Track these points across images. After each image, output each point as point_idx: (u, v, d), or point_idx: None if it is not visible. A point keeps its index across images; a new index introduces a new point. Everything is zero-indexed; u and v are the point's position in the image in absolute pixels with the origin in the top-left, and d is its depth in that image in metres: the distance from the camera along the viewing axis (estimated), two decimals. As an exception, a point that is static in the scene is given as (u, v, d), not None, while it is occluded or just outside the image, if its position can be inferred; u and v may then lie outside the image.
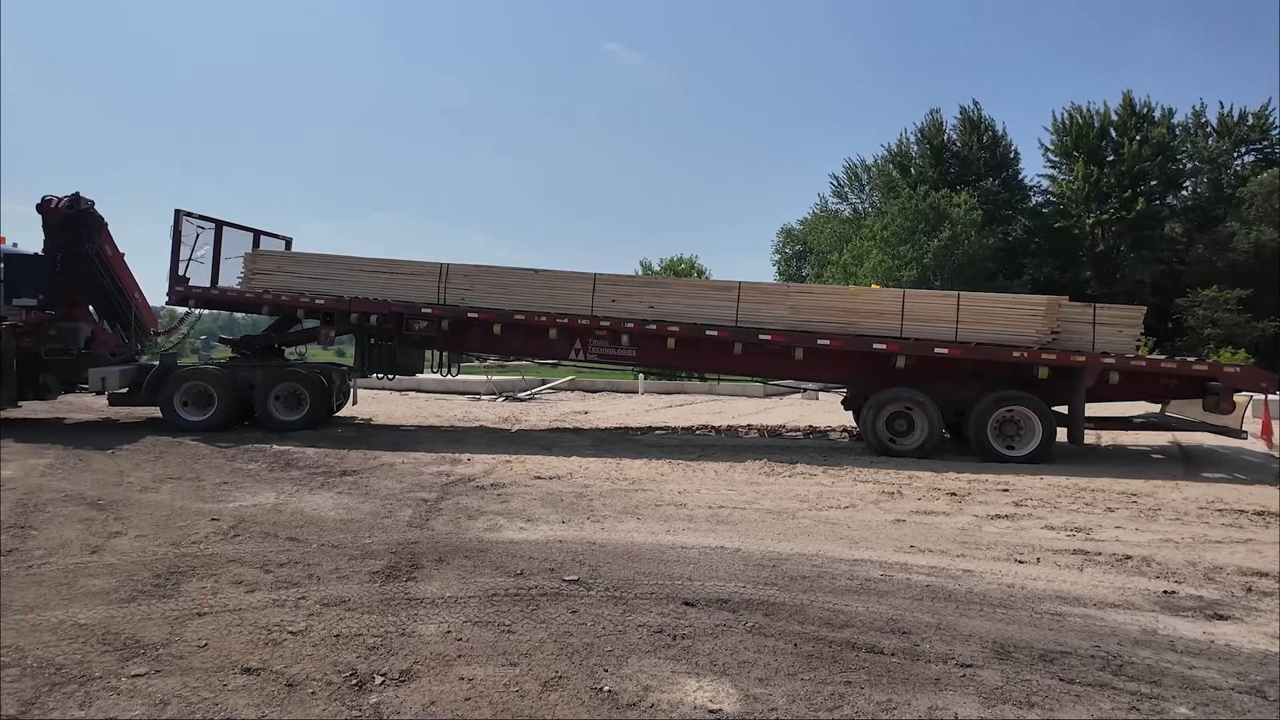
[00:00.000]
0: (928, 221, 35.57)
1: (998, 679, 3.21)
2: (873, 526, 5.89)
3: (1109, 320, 9.78)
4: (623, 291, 11.00)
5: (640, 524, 5.91)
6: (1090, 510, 6.58)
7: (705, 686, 3.13)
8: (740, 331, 10.25)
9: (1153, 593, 4.41)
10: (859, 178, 48.79)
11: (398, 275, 11.35)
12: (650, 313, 10.70)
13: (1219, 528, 6.02)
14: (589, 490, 7.18)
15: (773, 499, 6.85)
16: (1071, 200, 41.59)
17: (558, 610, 4.00)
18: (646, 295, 10.92)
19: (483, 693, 3.07)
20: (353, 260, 11.51)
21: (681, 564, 4.85)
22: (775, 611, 4.00)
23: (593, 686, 3.13)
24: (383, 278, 11.31)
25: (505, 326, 11.04)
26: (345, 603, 4.06)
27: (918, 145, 45.58)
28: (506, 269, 11.33)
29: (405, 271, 11.35)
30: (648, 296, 10.88)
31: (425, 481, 7.54)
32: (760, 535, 5.57)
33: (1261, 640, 3.74)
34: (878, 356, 9.88)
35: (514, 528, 5.74)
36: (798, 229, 50.79)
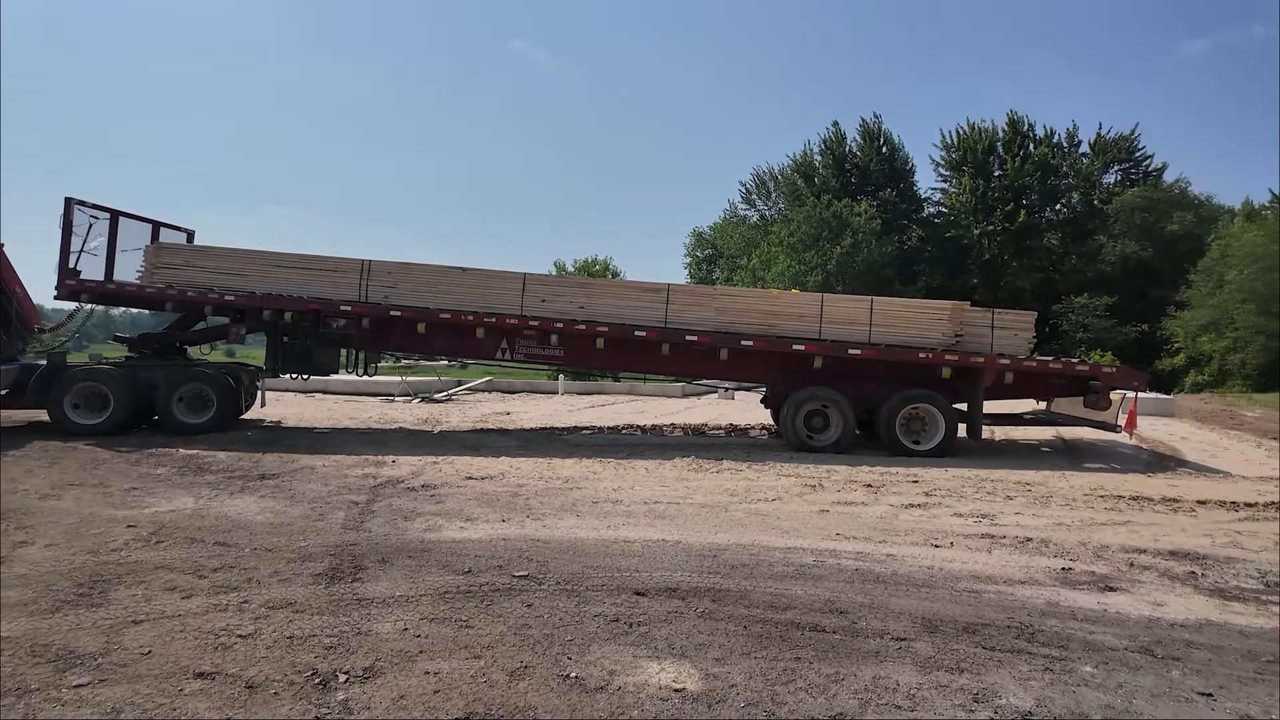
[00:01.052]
0: (831, 229, 37.16)
1: (929, 649, 3.52)
2: (800, 517, 6.22)
3: (1005, 325, 10.60)
4: (553, 291, 11.04)
5: (580, 520, 6.01)
6: (992, 498, 7.15)
7: (667, 668, 3.29)
8: (668, 332, 10.49)
9: (1053, 570, 4.89)
10: (766, 185, 50.33)
11: (316, 272, 10.97)
12: (581, 313, 10.77)
13: (1102, 511, 6.67)
14: (524, 489, 7.21)
15: (704, 494, 7.09)
16: (961, 211, 44.35)
17: (513, 605, 4.06)
18: (577, 296, 10.99)
19: (451, 685, 3.12)
20: (268, 255, 11.04)
21: (627, 557, 5.00)
22: (722, 597, 4.20)
23: (559, 673, 3.23)
24: (300, 274, 10.90)
25: (430, 325, 10.87)
26: (292, 605, 3.98)
27: (821, 156, 47.48)
28: (433, 267, 11.15)
29: (325, 268, 10.99)
30: (579, 297, 10.95)
31: (352, 484, 7.37)
32: (698, 528, 5.79)
33: (1145, 607, 4.23)
34: (797, 357, 10.34)
35: (454, 527, 5.73)
36: (708, 233, 51.87)
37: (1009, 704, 2.98)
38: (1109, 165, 44.99)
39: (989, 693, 3.08)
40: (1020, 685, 3.16)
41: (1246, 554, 5.36)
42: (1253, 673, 3.37)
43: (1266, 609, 4.24)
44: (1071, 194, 44.93)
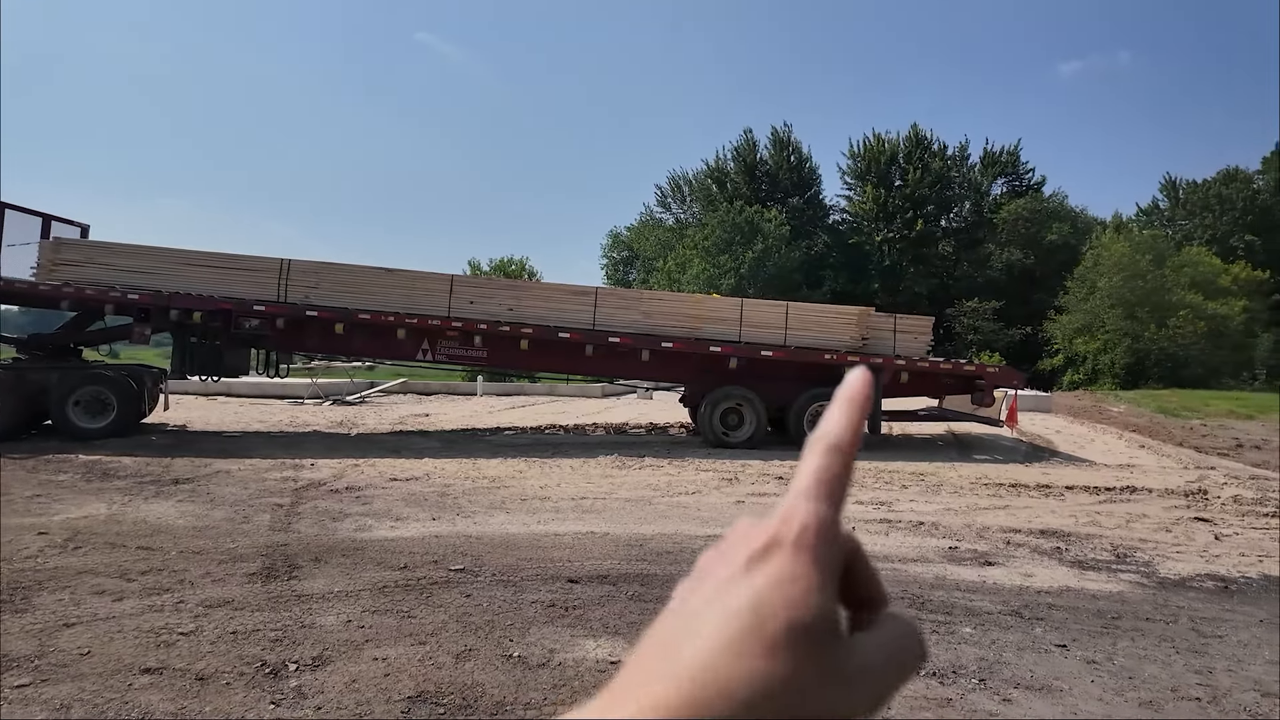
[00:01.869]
0: (743, 234, 38.30)
1: (835, 619, 3.95)
2: (719, 508, 6.64)
3: (906, 329, 11.47)
4: (482, 293, 11.16)
5: (510, 517, 6.22)
6: (889, 488, 7.79)
7: (603, 645, 3.59)
8: (592, 334, 10.77)
9: (941, 549, 5.46)
10: (681, 189, 51.29)
11: (231, 270, 10.66)
12: (510, 315, 10.89)
13: (985, 498, 7.40)
14: (451, 489, 7.33)
15: (628, 489, 7.42)
16: (864, 219, 46.54)
17: (451, 595, 4.26)
18: (506, 298, 11.12)
19: (400, 668, 3.31)
20: (179, 253, 10.65)
21: (558, 549, 5.25)
22: (650, 582, 4.53)
23: (502, 654, 3.47)
24: (214, 273, 10.57)
25: (349, 326, 10.76)
26: (230, 603, 4.05)
27: (734, 162, 48.80)
28: (357, 267, 11.03)
29: (240, 267, 10.69)
30: (508, 299, 11.08)
31: (272, 487, 7.30)
32: (624, 520, 6.10)
33: (1017, 578, 4.82)
34: (714, 358, 10.83)
35: (384, 527, 5.83)
36: (625, 235, 52.39)
37: (901, 660, 3.43)
38: (996, 177, 48.26)
39: (885, 652, 3.52)
40: (911, 645, 3.62)
41: (1103, 531, 6.11)
42: (1099, 627, 3.97)
43: (1115, 576, 4.92)
44: (963, 204, 47.92)
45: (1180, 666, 3.46)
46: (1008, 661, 3.47)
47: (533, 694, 3.09)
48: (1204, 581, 4.80)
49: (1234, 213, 42.49)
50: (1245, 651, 3.66)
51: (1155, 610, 4.24)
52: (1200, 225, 43.35)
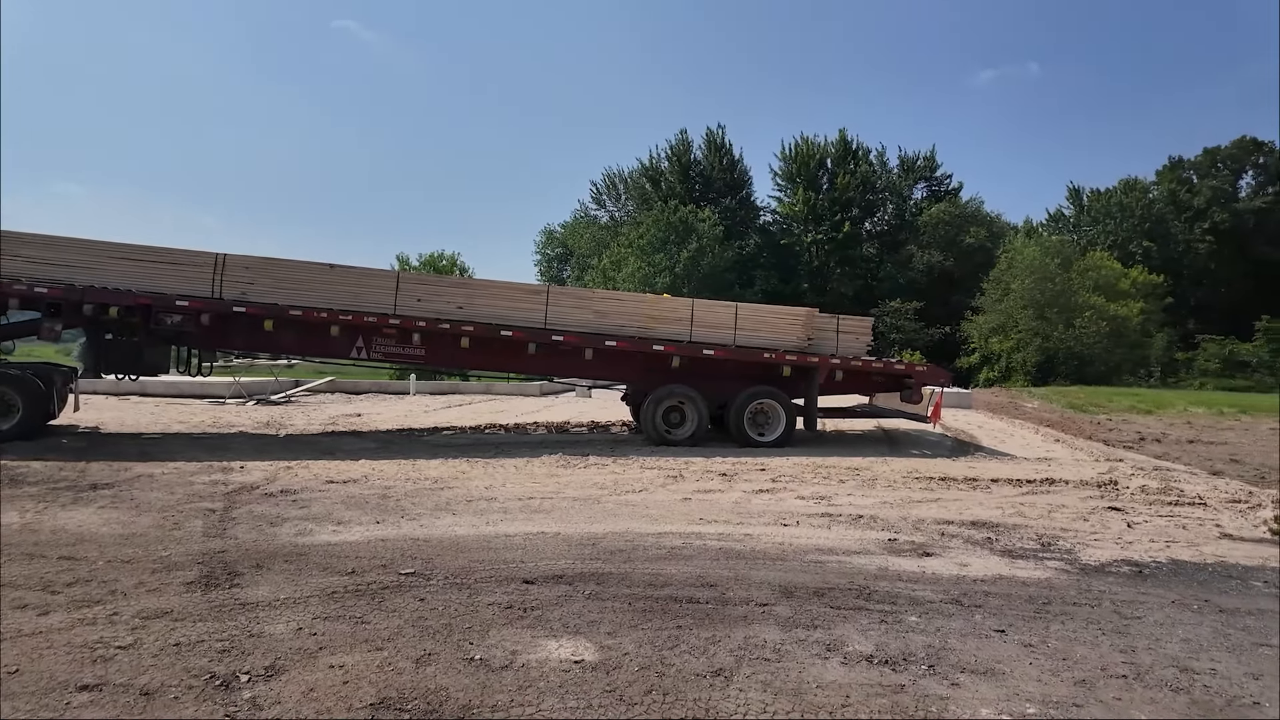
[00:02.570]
0: (678, 234, 38.66)
1: (788, 611, 4.07)
2: (666, 505, 6.71)
3: (848, 329, 11.85)
4: (431, 291, 10.95)
5: (457, 519, 6.13)
6: (828, 482, 8.04)
7: (565, 644, 3.59)
8: (535, 332, 10.68)
9: (881, 541, 5.68)
10: (616, 187, 51.37)
11: (160, 264, 10.09)
12: (460, 313, 10.68)
13: (918, 491, 7.72)
14: (392, 491, 7.17)
15: (576, 488, 7.41)
16: (794, 221, 47.65)
17: (405, 600, 4.18)
18: (456, 296, 10.91)
19: (360, 675, 3.24)
20: (100, 245, 10.03)
21: (510, 550, 5.22)
22: (605, 580, 4.55)
23: (464, 657, 3.44)
24: (140, 267, 9.98)
25: (279, 322, 10.36)
26: (169, 614, 3.87)
27: (668, 162, 49.19)
28: (297, 263, 10.61)
29: (171, 261, 10.14)
30: (457, 297, 10.87)
31: (201, 492, 6.99)
32: (573, 520, 6.11)
33: (954, 568, 5.06)
34: (657, 357, 10.92)
35: (326, 531, 5.66)
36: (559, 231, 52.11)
37: (855, 650, 3.57)
38: (916, 182, 50.22)
39: (839, 642, 3.66)
40: (862, 635, 3.77)
41: (1028, 521, 6.46)
42: (1032, 612, 4.21)
43: (1042, 564, 5.22)
44: (887, 207, 49.67)
45: (1106, 646, 3.71)
46: (953, 647, 3.64)
47: (499, 696, 3.07)
48: (1121, 567, 5.14)
49: (1132, 220, 45.42)
50: (1162, 631, 3.95)
51: (1080, 595, 4.52)
52: (1103, 231, 46.17)
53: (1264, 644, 3.82)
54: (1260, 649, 3.75)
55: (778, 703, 3.05)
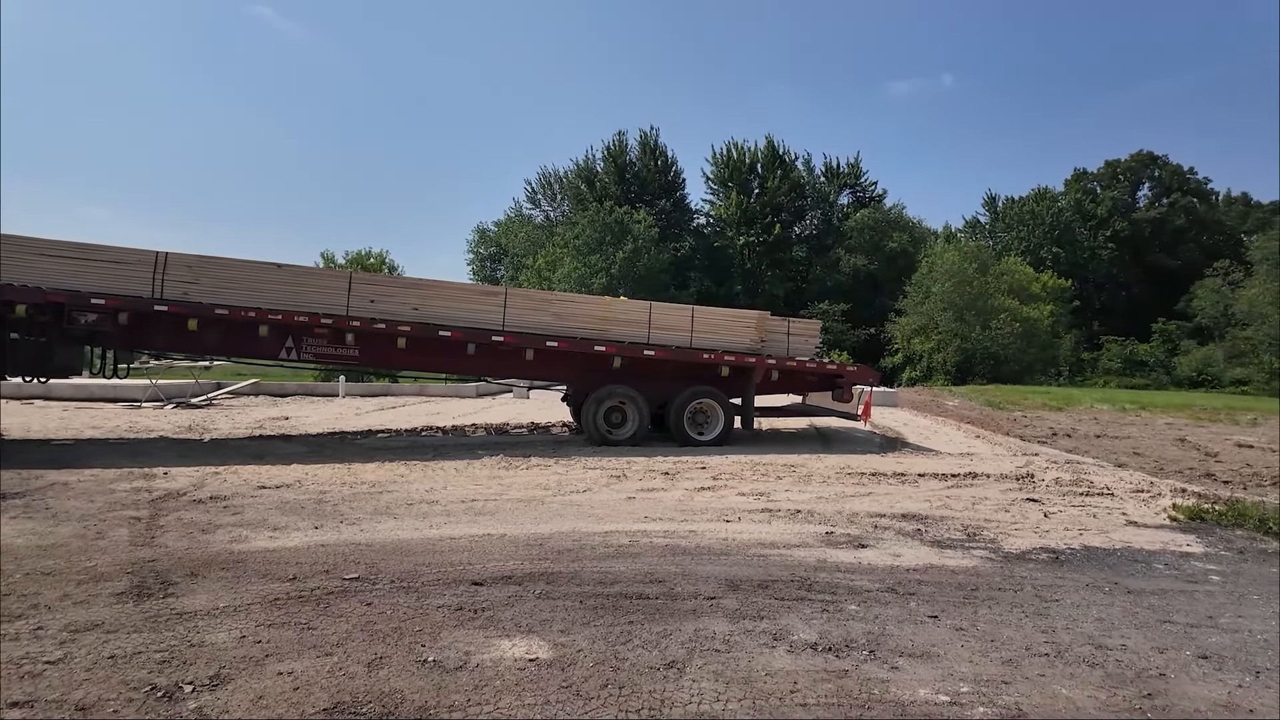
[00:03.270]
0: (614, 234, 38.76)
1: (735, 604, 4.20)
2: (610, 505, 6.77)
3: (798, 331, 12.17)
4: (384, 292, 10.72)
5: (399, 522, 6.04)
6: (766, 479, 8.25)
7: (518, 643, 3.62)
8: (473, 332, 10.56)
9: (819, 534, 5.89)
10: (551, 186, 51.10)
11: (93, 263, 9.58)
12: (416, 315, 10.50)
13: (851, 486, 8.01)
14: (328, 496, 7.01)
15: (519, 489, 7.40)
16: (727, 224, 48.42)
17: (351, 604, 4.12)
18: (410, 297, 10.69)
19: (311, 680, 3.19)
20: (19, 240, 9.42)
21: (456, 552, 5.18)
22: (555, 579, 4.59)
23: (417, 659, 3.42)
24: (71, 265, 9.44)
25: (203, 322, 9.94)
26: (100, 626, 3.71)
27: (603, 163, 49.25)
28: (241, 262, 10.23)
29: (106, 259, 9.64)
30: (412, 298, 10.66)
31: (123, 499, 6.67)
32: (519, 521, 6.10)
33: (887, 558, 5.30)
34: (598, 357, 10.96)
35: (263, 537, 5.50)
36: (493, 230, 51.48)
37: (800, 639, 3.72)
38: (842, 188, 51.77)
39: (784, 632, 3.80)
40: (805, 624, 3.93)
41: (953, 513, 6.80)
42: (961, 598, 4.45)
43: (969, 553, 5.51)
44: (815, 212, 51.03)
45: (1030, 628, 3.97)
46: (891, 633, 3.83)
47: (455, 696, 3.08)
48: (1039, 554, 5.48)
49: (1043, 227, 47.99)
50: (1078, 611, 4.25)
51: (1004, 581, 4.81)
52: (1016, 238, 48.61)
53: (1167, 621, 4.15)
54: (1164, 625, 4.08)
55: (729, 691, 3.15)
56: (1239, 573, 5.14)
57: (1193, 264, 45.14)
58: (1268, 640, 3.90)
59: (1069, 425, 15.73)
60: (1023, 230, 48.65)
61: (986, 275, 39.21)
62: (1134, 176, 52.47)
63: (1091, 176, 53.04)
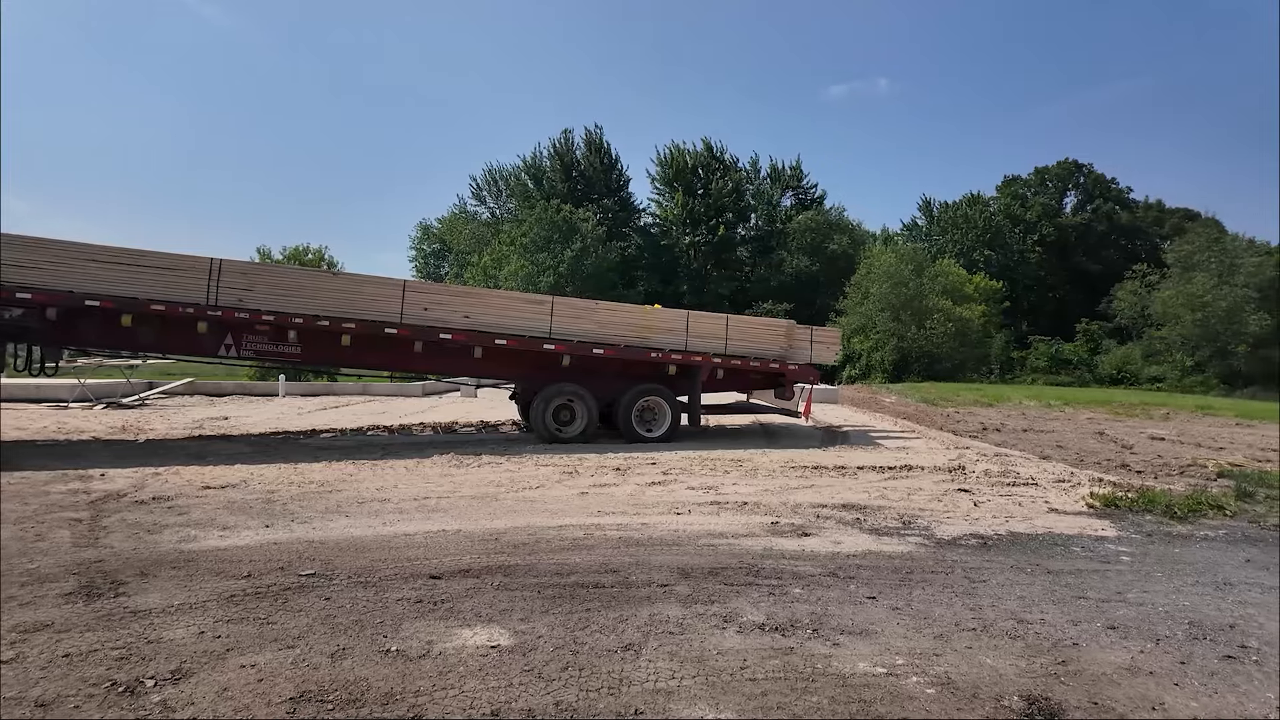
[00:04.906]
0: (561, 233, 38.69)
1: (687, 590, 4.39)
2: (564, 500, 6.90)
3: (820, 339, 12.74)
4: (436, 300, 10.96)
5: (352, 520, 6.05)
6: (714, 473, 8.49)
7: (479, 632, 3.73)
8: (421, 330, 10.51)
9: (765, 524, 6.14)
10: (497, 183, 50.65)
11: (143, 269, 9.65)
12: (466, 323, 10.78)
13: (795, 479, 8.31)
14: (276, 495, 6.94)
15: (472, 487, 7.45)
16: (673, 224, 48.84)
17: (310, 599, 4.16)
18: (461, 305, 10.91)
19: (275, 672, 3.25)
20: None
21: (411, 548, 5.24)
22: (512, 572, 4.70)
23: (380, 650, 3.51)
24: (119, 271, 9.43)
25: (138, 317, 9.65)
26: (50, 626, 3.68)
27: (550, 160, 49.08)
28: (301, 269, 9.99)
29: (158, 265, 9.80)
30: (461, 306, 10.88)
31: (60, 501, 6.49)
32: (473, 517, 6.18)
33: (829, 545, 5.57)
34: (548, 355, 11.04)
35: (213, 536, 5.45)
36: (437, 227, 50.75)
37: (749, 620, 3.93)
38: (784, 190, 52.78)
39: (734, 614, 4.01)
40: (754, 607, 4.15)
41: (890, 503, 7.15)
42: (897, 581, 4.74)
43: (904, 539, 5.84)
44: (759, 213, 51.90)
45: (959, 606, 4.28)
46: (832, 614, 4.08)
47: (420, 682, 3.18)
48: (969, 540, 5.84)
49: (975, 231, 49.84)
50: (1003, 591, 4.58)
51: (936, 565, 5.13)
52: (950, 241, 50.35)
53: (1081, 597, 4.52)
54: (1078, 601, 4.44)
55: (684, 669, 3.34)
56: (1146, 553, 5.59)
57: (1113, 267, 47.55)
58: (1168, 611, 4.30)
59: (999, 420, 16.49)
60: (956, 233, 50.45)
61: (922, 277, 40.53)
62: (1061, 183, 54.96)
63: (1021, 183, 55.33)
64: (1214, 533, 6.27)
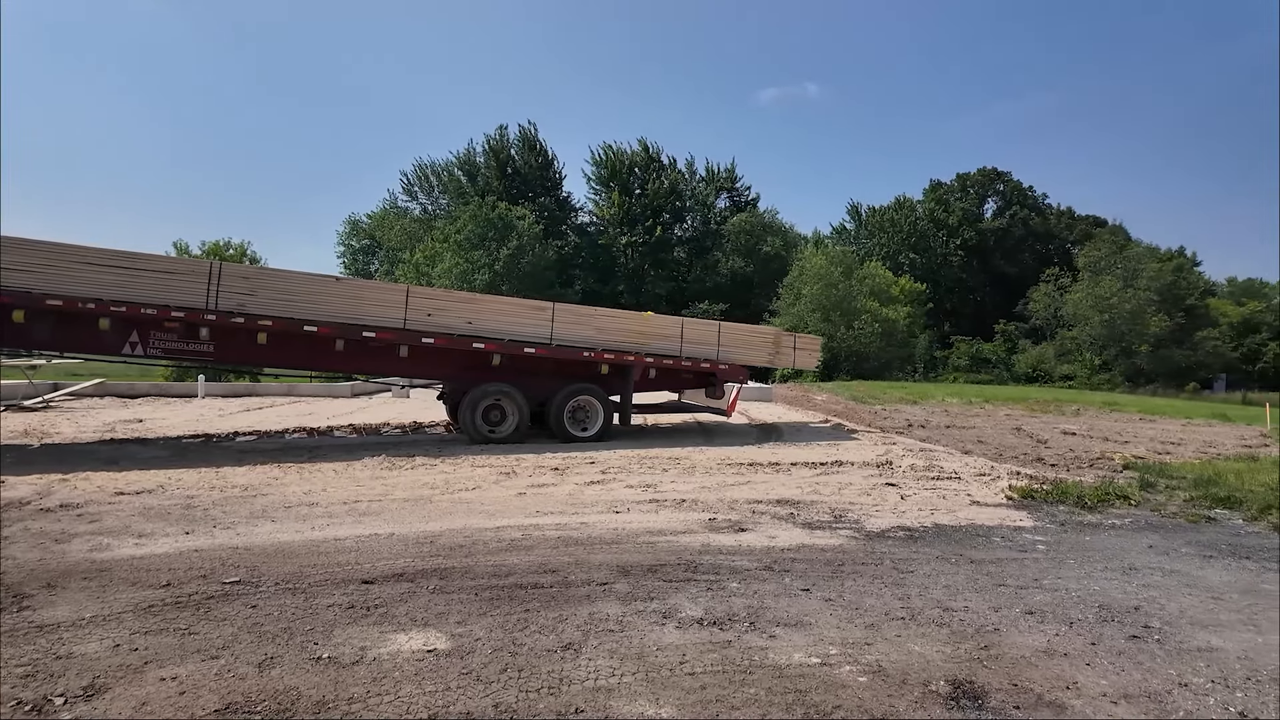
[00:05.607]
0: (497, 230, 38.20)
1: (626, 588, 4.41)
2: (501, 501, 6.82)
3: (803, 346, 13.29)
4: (439, 305, 10.76)
5: (278, 525, 5.84)
6: (652, 472, 8.54)
7: (415, 636, 3.66)
8: (342, 328, 10.14)
9: (702, 521, 6.21)
10: (429, 179, 49.64)
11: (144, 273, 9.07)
12: (469, 328, 10.65)
13: (731, 476, 8.44)
14: (197, 501, 6.64)
15: (405, 489, 7.29)
16: (610, 223, 48.86)
17: (235, 608, 4.00)
18: (465, 311, 10.77)
19: (198, 684, 3.11)
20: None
21: (342, 553, 5.10)
22: (448, 575, 4.63)
23: (311, 657, 3.40)
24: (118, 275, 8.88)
25: (31, 313, 9.05)
26: (-55, 645, 3.43)
27: (484, 157, 48.39)
28: (305, 275, 10.01)
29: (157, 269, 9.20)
30: (463, 312, 10.74)
31: (-48, 511, 6.05)
32: (407, 520, 6.05)
33: (764, 540, 5.68)
34: (476, 354, 10.84)
35: (128, 545, 5.18)
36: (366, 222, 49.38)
37: (687, 615, 3.97)
38: (719, 192, 53.46)
39: (673, 610, 4.05)
40: (692, 602, 4.19)
41: (822, 498, 7.34)
42: (829, 573, 4.87)
43: (835, 533, 6.00)
44: (694, 215, 52.42)
45: (888, 596, 4.43)
46: (768, 607, 4.17)
47: (354, 689, 3.10)
48: (897, 532, 6.05)
49: (901, 234, 51.56)
50: (929, 580, 4.76)
51: (866, 557, 5.29)
52: (877, 244, 51.95)
53: (1001, 584, 4.73)
54: (999, 588, 4.65)
55: (624, 666, 3.35)
56: (1060, 541, 5.90)
57: (1029, 271, 49.95)
58: (1080, 596, 4.54)
59: (923, 417, 17.11)
60: (883, 237, 52.09)
61: (851, 279, 41.70)
62: (982, 190, 57.36)
63: (945, 188, 57.51)
64: (1120, 521, 6.66)
